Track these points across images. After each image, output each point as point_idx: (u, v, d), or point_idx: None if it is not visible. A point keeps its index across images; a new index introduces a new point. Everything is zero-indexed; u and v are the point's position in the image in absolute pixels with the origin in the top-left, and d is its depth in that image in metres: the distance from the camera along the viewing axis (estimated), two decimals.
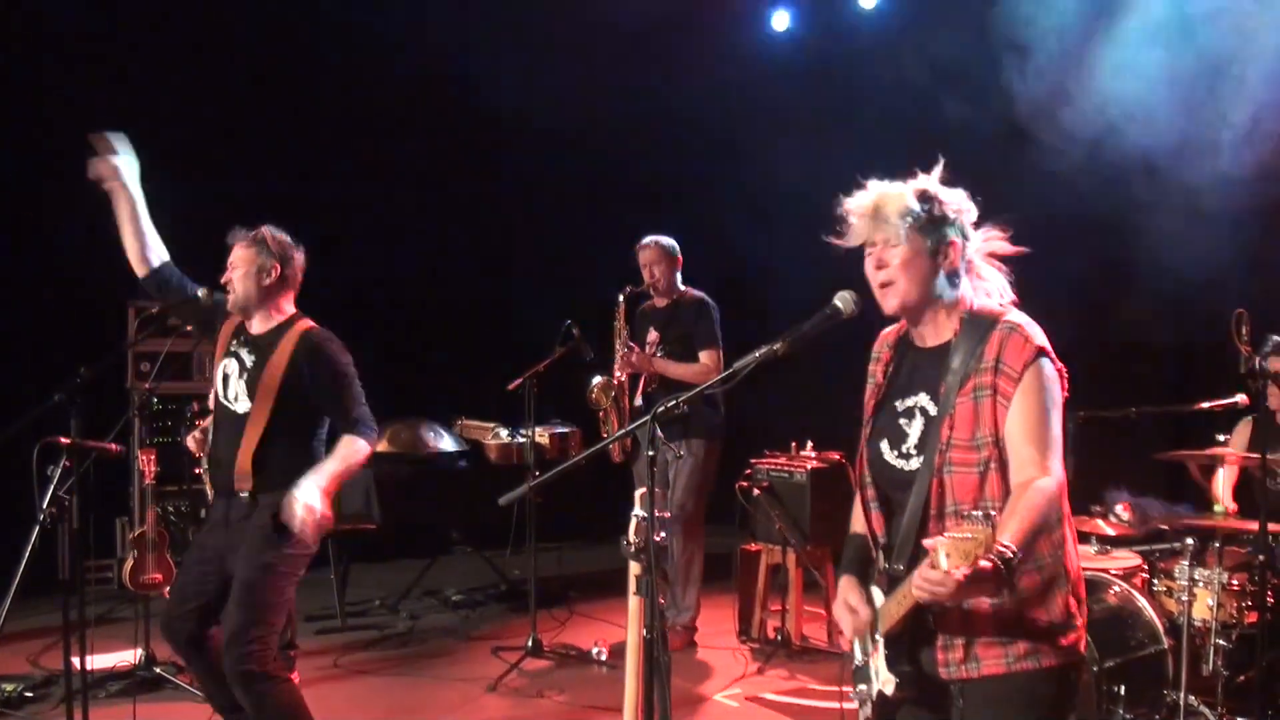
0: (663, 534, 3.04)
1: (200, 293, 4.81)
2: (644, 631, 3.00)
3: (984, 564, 2.38)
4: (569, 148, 10.09)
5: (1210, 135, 6.65)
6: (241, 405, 4.78)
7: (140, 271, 5.02)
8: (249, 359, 4.79)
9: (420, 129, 9.87)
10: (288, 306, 4.90)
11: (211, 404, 4.97)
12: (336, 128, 9.42)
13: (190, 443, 5.72)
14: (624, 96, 9.56)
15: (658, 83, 9.45)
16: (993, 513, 2.40)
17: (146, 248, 5.03)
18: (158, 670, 6.32)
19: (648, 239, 7.12)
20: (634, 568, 3.15)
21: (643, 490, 3.03)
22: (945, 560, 2.34)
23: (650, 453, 2.95)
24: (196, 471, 6.98)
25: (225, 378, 4.84)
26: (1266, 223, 6.60)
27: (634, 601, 3.57)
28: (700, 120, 9.83)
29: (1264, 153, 6.43)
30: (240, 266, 4.79)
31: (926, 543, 2.44)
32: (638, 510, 3.06)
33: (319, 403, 4.80)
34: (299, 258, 4.92)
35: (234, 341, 4.88)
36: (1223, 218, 6.51)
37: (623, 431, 3.23)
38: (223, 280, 4.82)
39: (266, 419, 4.74)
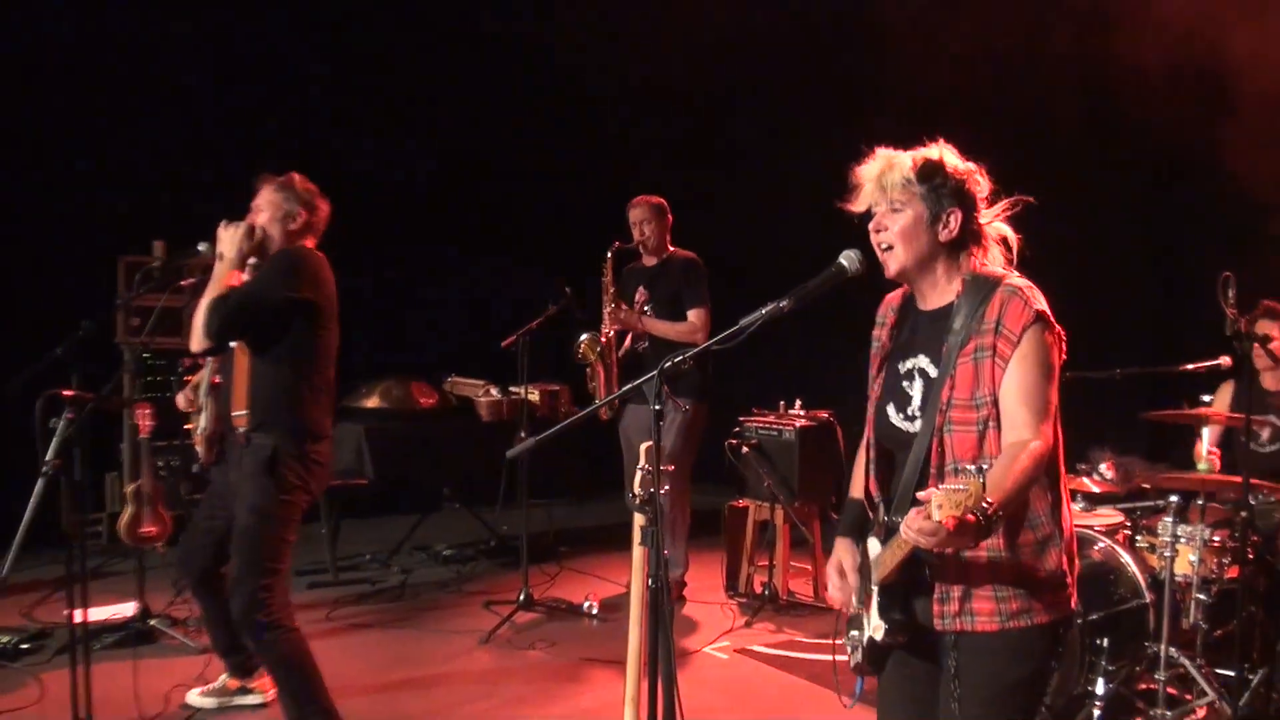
0: (666, 486, 3.10)
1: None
2: (649, 581, 3.05)
3: (969, 517, 2.45)
4: (566, 104, 10.12)
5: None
6: (234, 341, 4.84)
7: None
8: None
9: (417, 82, 9.87)
10: None
11: None
12: (331, 79, 9.42)
13: (180, 400, 5.76)
14: (627, 52, 9.56)
15: (658, 39, 9.43)
16: (985, 465, 2.46)
17: None
18: (153, 623, 6.38)
19: (638, 197, 7.17)
20: (638, 519, 3.21)
21: (648, 444, 3.09)
22: (938, 511, 2.41)
23: (656, 407, 3.00)
24: (187, 427, 7.03)
25: None
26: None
27: (638, 552, 3.65)
28: (697, 79, 9.80)
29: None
30: (266, 210, 4.81)
31: (921, 495, 2.51)
32: (642, 463, 3.13)
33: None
34: (325, 207, 4.93)
35: None
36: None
37: (630, 385, 3.26)
38: (246, 220, 4.80)
39: (248, 349, 4.79)
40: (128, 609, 6.50)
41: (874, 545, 2.95)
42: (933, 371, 2.87)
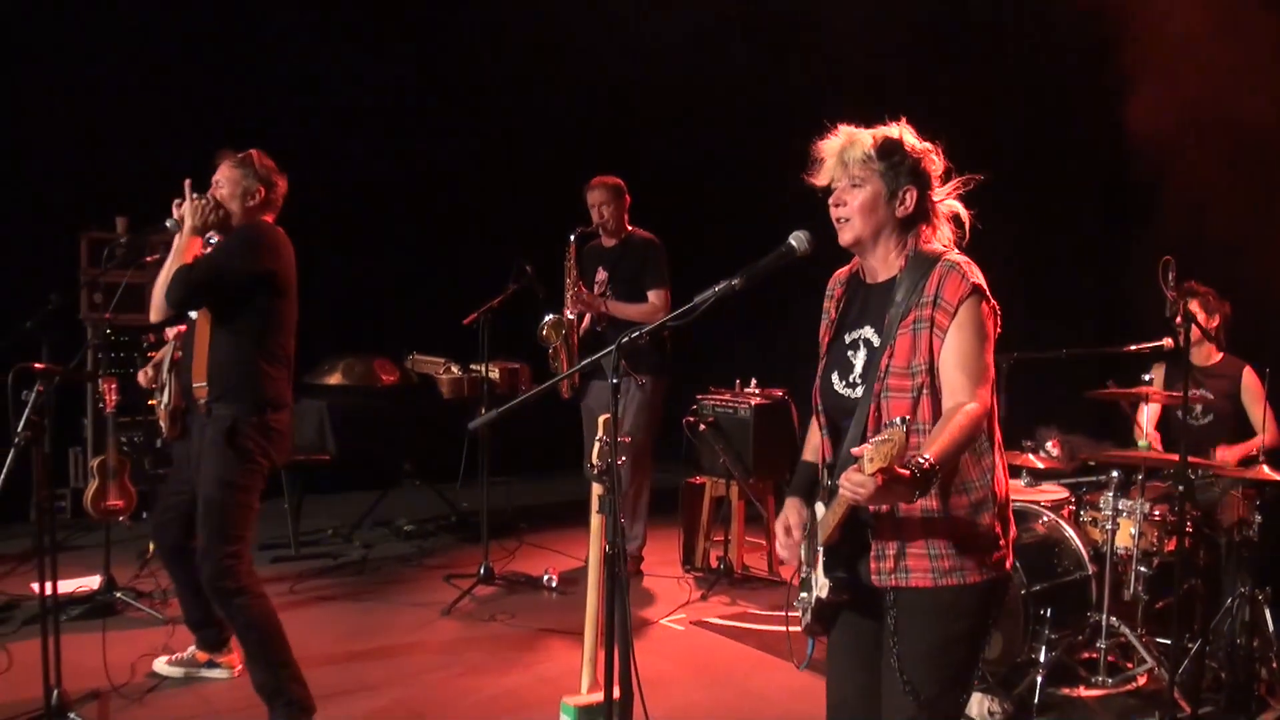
0: (623, 458, 3.22)
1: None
2: (606, 547, 3.18)
3: (902, 471, 2.58)
4: (526, 86, 10.19)
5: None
6: (195, 311, 4.92)
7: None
8: None
9: (379, 60, 9.90)
10: None
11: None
12: (292, 60, 9.44)
13: (141, 378, 5.84)
14: (587, 33, 9.65)
15: (620, 22, 9.53)
16: (907, 418, 2.59)
17: None
18: (118, 595, 6.44)
19: (596, 179, 7.26)
20: (596, 488, 3.33)
21: (605, 416, 3.21)
22: (869, 465, 2.54)
23: (614, 380, 3.11)
24: (151, 403, 7.09)
25: None
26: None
27: (596, 519, 3.78)
28: (659, 60, 9.88)
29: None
30: (226, 186, 4.88)
31: (854, 450, 2.64)
32: (601, 435, 3.25)
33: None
34: (282, 183, 5.02)
35: None
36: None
37: (587, 361, 3.39)
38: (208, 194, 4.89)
39: (210, 321, 4.87)
40: (93, 582, 6.57)
41: (820, 509, 3.09)
42: (876, 341, 3.01)
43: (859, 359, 3.05)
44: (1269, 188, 6.51)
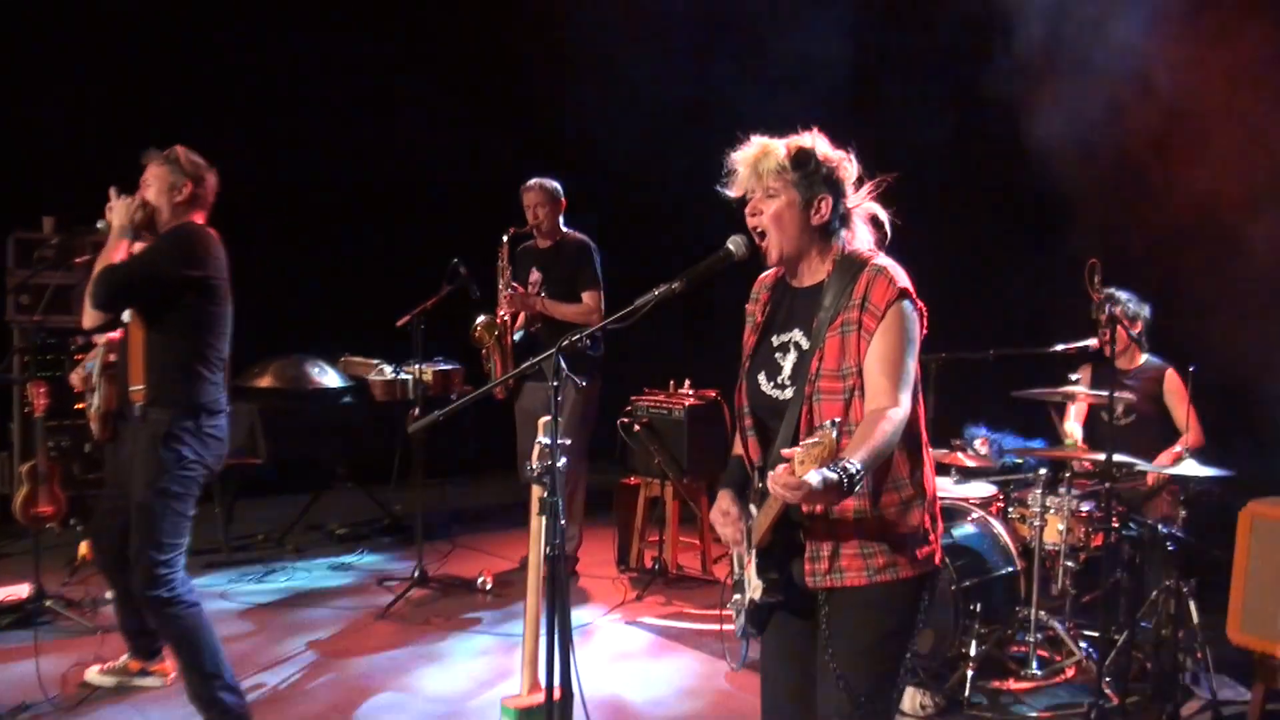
0: (564, 460, 3.23)
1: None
2: (547, 549, 3.20)
3: (830, 475, 2.62)
4: (458, 87, 10.16)
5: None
6: (128, 315, 4.86)
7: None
8: None
9: (310, 59, 9.84)
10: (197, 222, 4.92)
11: None
12: (224, 54, 9.36)
13: (74, 379, 5.77)
14: (524, 33, 9.65)
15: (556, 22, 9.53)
16: (838, 420, 2.65)
17: None
18: (48, 604, 6.33)
19: (532, 181, 7.27)
20: (537, 490, 3.35)
21: (546, 419, 3.22)
22: (799, 467, 2.58)
23: (554, 383, 3.14)
24: (79, 406, 6.99)
25: None
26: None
27: (537, 521, 3.80)
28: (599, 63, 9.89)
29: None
30: (153, 184, 4.83)
31: (784, 452, 2.67)
32: (541, 437, 3.26)
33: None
34: (211, 179, 4.95)
35: None
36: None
37: (530, 363, 3.40)
38: (137, 195, 4.83)
39: (142, 325, 4.81)
40: (22, 590, 6.46)
41: (753, 510, 3.13)
42: (806, 344, 3.06)
43: (788, 361, 3.10)
44: (1180, 196, 6.64)
